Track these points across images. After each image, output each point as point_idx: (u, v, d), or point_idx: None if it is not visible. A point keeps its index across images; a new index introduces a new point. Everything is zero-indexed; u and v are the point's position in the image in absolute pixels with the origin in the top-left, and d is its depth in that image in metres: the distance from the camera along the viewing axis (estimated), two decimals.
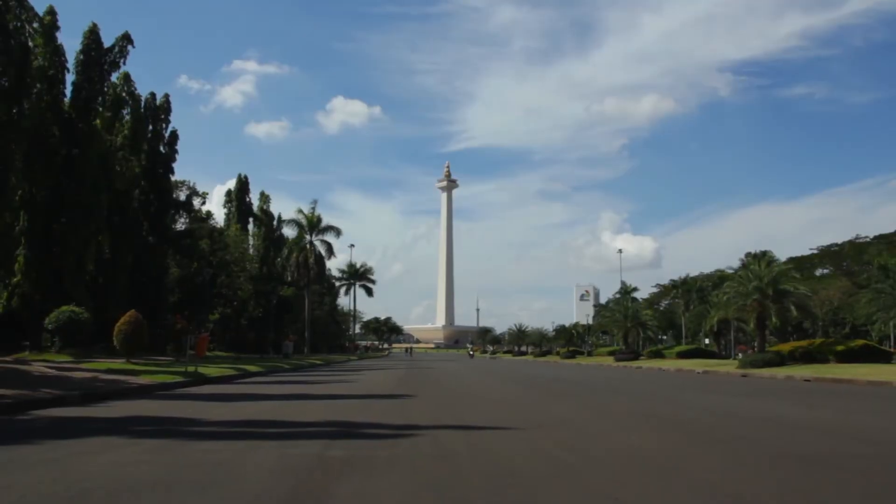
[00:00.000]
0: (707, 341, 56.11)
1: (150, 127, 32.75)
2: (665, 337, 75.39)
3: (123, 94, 29.99)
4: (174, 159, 33.89)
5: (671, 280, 67.12)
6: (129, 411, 8.86)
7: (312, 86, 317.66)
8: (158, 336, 30.06)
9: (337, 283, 74.18)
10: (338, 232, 50.43)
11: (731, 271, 53.15)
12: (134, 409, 9.18)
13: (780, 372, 22.46)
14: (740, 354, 39.70)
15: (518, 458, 5.34)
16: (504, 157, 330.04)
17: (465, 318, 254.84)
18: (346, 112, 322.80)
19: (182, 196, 38.86)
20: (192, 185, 39.64)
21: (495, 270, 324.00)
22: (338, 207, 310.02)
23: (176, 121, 69.58)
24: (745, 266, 43.69)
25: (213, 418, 8.17)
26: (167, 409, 9.55)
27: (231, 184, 51.81)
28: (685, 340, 59.51)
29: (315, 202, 51.23)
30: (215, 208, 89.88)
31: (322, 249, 50.14)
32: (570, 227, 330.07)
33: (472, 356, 51.48)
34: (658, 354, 45.61)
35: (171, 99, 33.73)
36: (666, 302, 75.68)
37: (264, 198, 54.74)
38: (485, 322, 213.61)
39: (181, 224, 38.83)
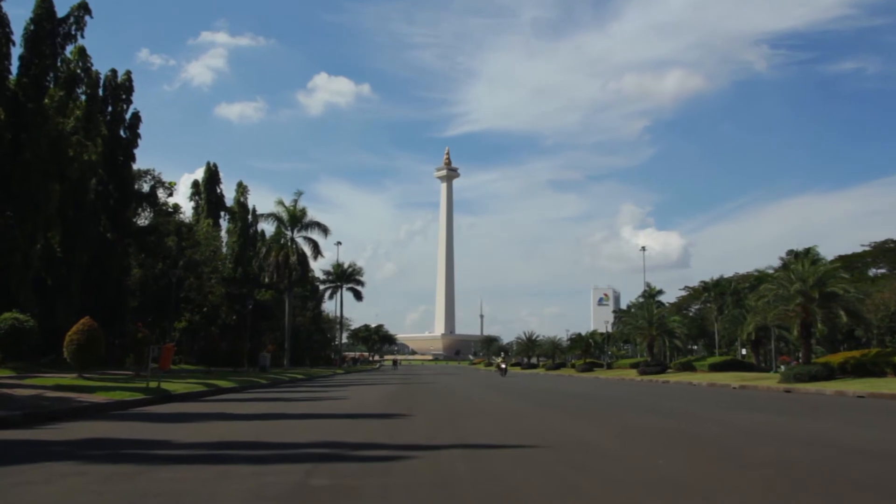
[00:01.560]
0: (744, 352, 56.02)
1: (109, 108, 32.72)
2: (695, 347, 75.33)
3: (78, 71, 29.95)
4: (136, 145, 33.87)
5: (702, 281, 67.22)
6: (79, 434, 8.78)
7: (292, 61, 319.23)
8: (116, 347, 30.01)
9: (322, 286, 74.08)
10: (324, 229, 50.17)
11: (770, 271, 53.08)
12: (85, 432, 9.09)
13: (829, 387, 22.38)
14: (782, 367, 39.64)
15: (528, 484, 5.26)
16: (511, 142, 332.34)
17: (467, 326, 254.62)
18: (330, 91, 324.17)
19: (145, 187, 38.83)
20: (156, 174, 39.60)
21: (501, 271, 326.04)
22: (323, 199, 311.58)
23: (138, 101, 69.70)
24: (786, 265, 43.58)
25: (178, 440, 8.11)
26: (124, 430, 9.47)
27: (200, 173, 51.84)
28: (718, 350, 59.47)
29: (299, 193, 50.85)
30: (183, 201, 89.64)
31: (306, 248, 49.96)
32: (586, 222, 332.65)
33: (503, 370, 44.76)
34: (688, 367, 45.56)
35: (132, 76, 33.71)
36: (696, 307, 75.71)
37: (240, 189, 54.70)
38: (489, 330, 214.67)
39: (144, 219, 38.81)
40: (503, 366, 45.41)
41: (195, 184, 52.07)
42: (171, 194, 40.84)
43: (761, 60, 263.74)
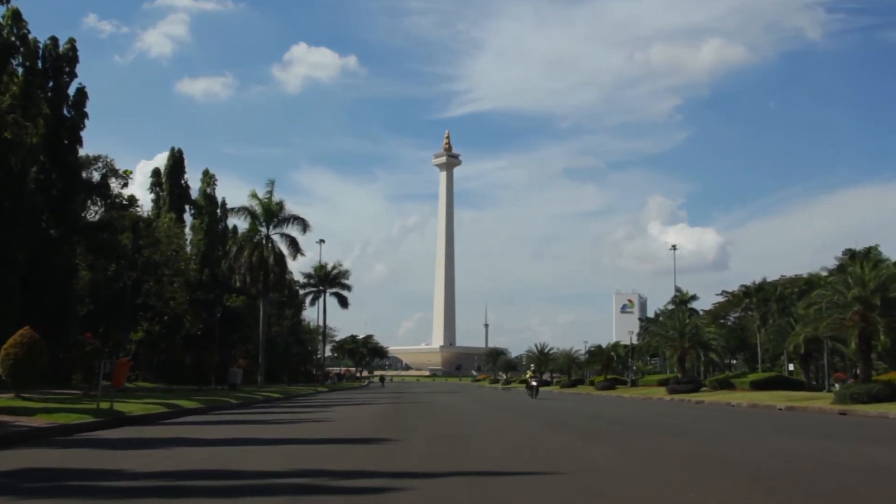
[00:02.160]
0: (791, 367, 56.13)
1: (50, 83, 32.68)
2: (734, 361, 75.27)
3: (12, 39, 29.86)
4: (82, 126, 33.83)
5: (742, 286, 67.10)
6: (15, 463, 8.76)
7: (265, 29, 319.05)
8: (61, 362, 30.00)
9: (302, 291, 73.83)
10: (304, 224, 50.09)
11: (823, 274, 53.03)
12: (24, 461, 9.09)
13: (894, 409, 22.39)
14: (836, 385, 39.69)
15: None
16: (521, 124, 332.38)
17: (470, 337, 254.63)
18: (310, 64, 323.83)
19: (96, 176, 38.79)
20: (109, 161, 39.50)
21: (509, 273, 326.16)
22: (303, 191, 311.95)
23: (84, 75, 69.54)
24: (842, 267, 43.59)
25: (133, 470, 8.11)
26: (70, 459, 9.47)
27: (160, 160, 52.01)
28: (761, 366, 59.50)
29: (271, 183, 50.72)
30: (141, 192, 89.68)
31: (283, 246, 49.87)
32: (607, 217, 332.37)
33: (534, 390, 38.70)
34: (725, 384, 45.62)
35: (77, 46, 33.68)
36: (735, 315, 75.67)
37: (207, 178, 54.63)
38: (495, 341, 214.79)
39: (95, 213, 38.76)
40: (533, 383, 39.25)
41: (156, 173, 52.02)
42: (125, 184, 40.73)
43: (815, 27, 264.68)
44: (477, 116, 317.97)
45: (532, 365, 53.40)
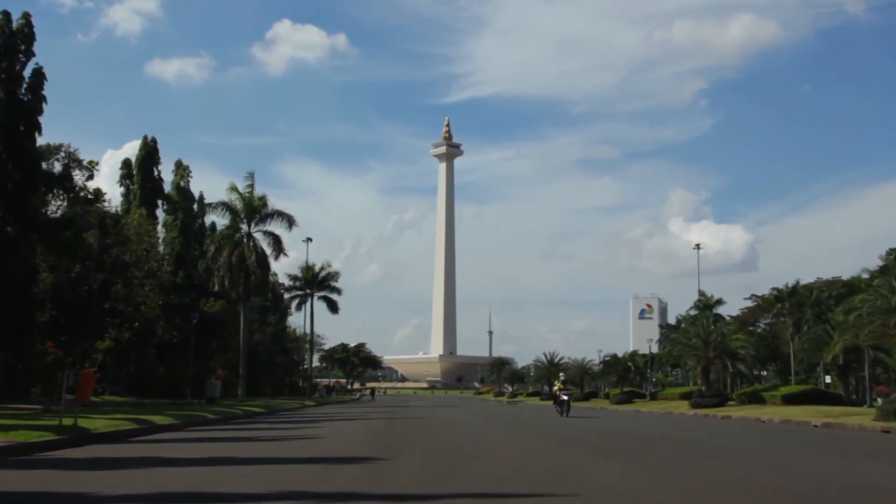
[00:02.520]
0: (828, 379, 56.09)
1: (4, 64, 32.66)
2: (764, 373, 75.22)
3: None
4: (40, 110, 33.80)
5: (773, 289, 67.14)
6: None
7: (245, 4, 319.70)
8: (20, 373, 30.04)
9: (287, 295, 73.95)
10: (289, 221, 50.22)
11: (865, 276, 53.04)
12: None
13: None
14: (878, 399, 39.67)
15: None
16: (528, 110, 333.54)
17: (472, 345, 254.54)
18: (295, 44, 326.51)
19: (57, 167, 38.83)
20: (71, 150, 39.58)
21: (515, 275, 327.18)
22: (288, 184, 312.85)
23: (42, 55, 69.51)
24: (886, 269, 43.60)
25: (99, 493, 8.10)
26: (30, 481, 9.45)
27: (129, 149, 52.08)
28: (794, 378, 59.45)
29: (252, 176, 50.66)
30: (108, 185, 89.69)
31: (266, 245, 50.02)
32: (624, 212, 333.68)
33: (566, 405, 33.41)
34: (755, 398, 45.63)
35: (33, 22, 33.64)
36: (766, 321, 75.69)
37: (180, 170, 54.72)
38: (500, 350, 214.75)
39: (57, 208, 38.80)
40: (564, 397, 34.27)
41: (126, 164, 52.14)
42: (91, 176, 40.74)
43: (856, 1, 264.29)
44: (479, 102, 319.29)
45: (562, 374, 45.47)
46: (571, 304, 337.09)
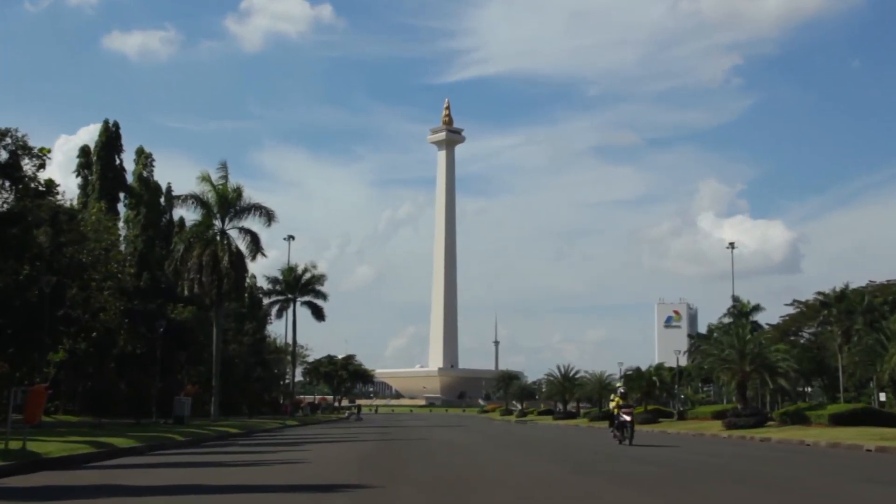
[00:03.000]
0: (882, 397, 56.05)
1: None
2: (809, 389, 75.28)
3: None
4: None
5: (818, 294, 67.11)
6: None
7: None
8: None
9: (266, 300, 74.18)
10: (269, 216, 50.25)
11: None
12: None
13: None
14: None
15: None
16: (538, 91, 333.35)
17: (476, 357, 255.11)
18: (273, 15, 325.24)
19: (3, 154, 38.78)
20: (19, 136, 39.50)
21: (524, 278, 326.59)
22: (267, 174, 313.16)
23: None
24: None
25: None
26: None
27: (87, 135, 52.02)
28: (844, 395, 59.49)
29: (225, 165, 50.58)
30: (61, 175, 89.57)
31: (242, 244, 50.09)
32: (647, 207, 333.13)
33: (628, 429, 27.87)
34: (798, 418, 45.57)
35: None
36: (810, 330, 75.80)
37: (143, 159, 54.75)
38: (507, 362, 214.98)
39: (2, 202, 38.75)
40: (626, 418, 28.14)
41: (84, 152, 52.17)
42: (42, 166, 40.66)
43: None
44: (483, 82, 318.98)
45: (620, 386, 33.55)
46: (588, 311, 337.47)
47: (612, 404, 31.80)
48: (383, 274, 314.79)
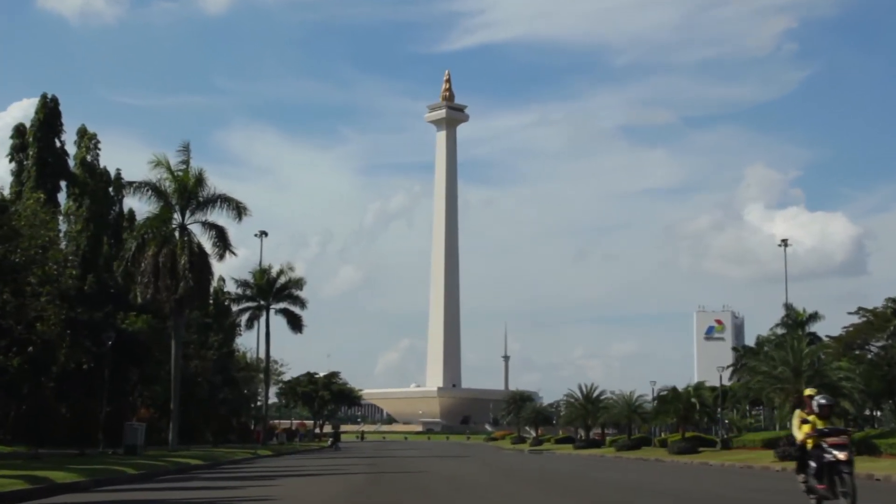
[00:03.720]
0: None
1: None
2: (878, 413, 75.43)
3: None
4: None
5: (889, 300, 67.31)
6: None
7: None
8: None
9: (235, 307, 74.12)
10: (238, 208, 50.26)
11: None
12: None
13: None
14: None
15: None
16: (555, 61, 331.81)
17: (482, 375, 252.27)
18: None
19: None
20: None
21: (538, 282, 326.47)
22: (235, 158, 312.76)
23: None
24: None
25: None
26: None
27: (21, 112, 52.20)
28: None
29: (186, 148, 50.79)
30: None
31: (206, 241, 50.16)
32: (685, 197, 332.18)
33: (837, 472, 17.98)
34: (866, 447, 45.86)
35: None
36: (878, 343, 76.02)
37: (86, 140, 54.92)
38: (518, 381, 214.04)
39: None
40: (840, 455, 18.14)
41: (19, 132, 52.32)
42: None
43: None
44: (491, 50, 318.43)
45: (817, 395, 21.28)
46: (615, 321, 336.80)
47: (800, 428, 18.91)
48: (372, 277, 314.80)
